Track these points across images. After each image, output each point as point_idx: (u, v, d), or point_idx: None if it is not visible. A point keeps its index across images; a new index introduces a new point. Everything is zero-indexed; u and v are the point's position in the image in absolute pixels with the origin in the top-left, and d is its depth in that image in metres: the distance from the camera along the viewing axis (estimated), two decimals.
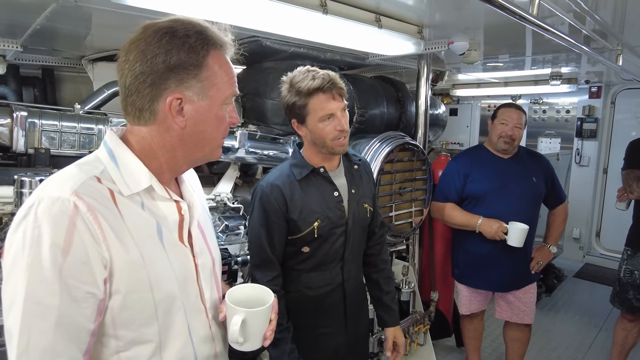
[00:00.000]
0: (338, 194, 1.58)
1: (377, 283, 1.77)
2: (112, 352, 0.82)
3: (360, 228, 1.64)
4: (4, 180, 2.09)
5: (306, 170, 1.55)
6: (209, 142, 0.92)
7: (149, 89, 0.83)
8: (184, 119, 0.86)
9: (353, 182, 1.63)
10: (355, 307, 1.67)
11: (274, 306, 1.02)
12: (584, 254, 5.41)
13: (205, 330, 0.96)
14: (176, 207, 0.92)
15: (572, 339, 3.55)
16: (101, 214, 0.78)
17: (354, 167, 1.66)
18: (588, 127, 5.20)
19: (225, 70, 0.89)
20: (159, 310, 0.85)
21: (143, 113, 0.85)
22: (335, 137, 1.49)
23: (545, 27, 1.63)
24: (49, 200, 0.75)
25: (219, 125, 0.91)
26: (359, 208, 1.62)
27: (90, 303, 0.76)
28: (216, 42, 0.87)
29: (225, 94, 0.90)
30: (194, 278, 0.94)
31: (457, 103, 6.09)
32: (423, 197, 2.62)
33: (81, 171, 0.82)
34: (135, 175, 0.86)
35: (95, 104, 2.78)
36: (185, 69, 0.83)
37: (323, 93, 1.45)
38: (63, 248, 0.73)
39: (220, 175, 2.70)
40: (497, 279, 2.52)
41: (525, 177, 2.50)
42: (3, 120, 2.22)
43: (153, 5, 1.55)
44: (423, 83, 2.86)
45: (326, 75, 1.46)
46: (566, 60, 3.62)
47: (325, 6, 1.82)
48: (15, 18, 2.15)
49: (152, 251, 0.85)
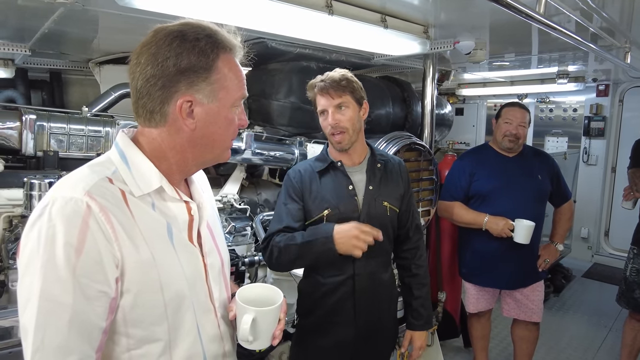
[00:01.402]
0: (352, 187, 1.65)
1: (409, 287, 1.79)
2: (124, 350, 0.84)
3: (378, 225, 1.61)
4: (14, 183, 2.12)
5: (325, 164, 1.67)
6: (218, 143, 0.93)
7: (159, 92, 0.84)
8: (194, 121, 0.87)
9: (373, 180, 1.67)
10: (367, 303, 1.66)
11: (283, 306, 1.02)
12: (593, 254, 5.36)
13: (214, 329, 0.97)
14: (186, 208, 0.93)
15: (581, 340, 3.53)
16: (113, 214, 0.79)
17: (377, 165, 1.70)
18: (596, 125, 5.16)
19: (234, 73, 0.90)
20: (168, 309, 0.86)
21: (154, 115, 0.87)
22: (330, 132, 1.61)
23: (552, 26, 1.63)
24: (62, 200, 0.76)
25: (229, 127, 0.92)
26: (376, 205, 1.65)
27: (102, 302, 0.77)
28: (226, 46, 0.89)
29: (235, 96, 0.91)
30: (203, 277, 0.95)
31: (463, 102, 6.07)
32: (430, 197, 2.62)
33: (93, 172, 0.83)
34: (146, 176, 0.87)
35: (103, 107, 2.80)
36: (195, 72, 0.84)
37: (319, 90, 1.60)
38: (76, 247, 0.74)
39: (227, 177, 2.71)
40: (505, 277, 2.52)
41: (531, 175, 2.51)
42: (12, 123, 2.25)
43: (159, 8, 1.56)
44: (429, 83, 2.85)
45: (327, 73, 1.61)
46: (573, 58, 3.60)
47: (330, 7, 1.82)
48: (24, 22, 2.17)
49: (163, 251, 0.86)
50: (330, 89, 1.58)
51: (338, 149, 1.65)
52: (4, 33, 2.44)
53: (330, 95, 1.58)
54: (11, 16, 2.07)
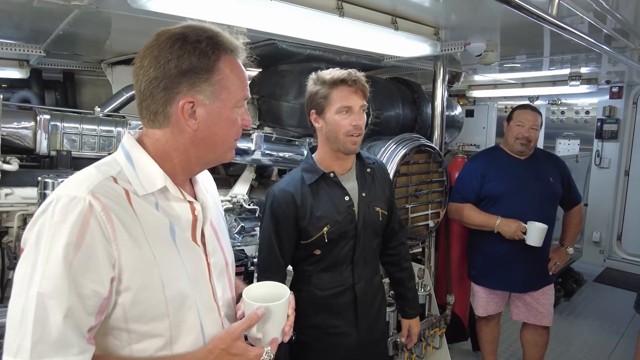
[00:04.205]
0: (349, 198, 1.58)
1: (400, 281, 1.84)
2: (125, 344, 0.85)
3: (372, 231, 1.64)
4: (28, 182, 2.16)
5: (316, 175, 1.56)
6: (220, 144, 0.94)
7: (162, 93, 0.86)
8: (196, 122, 0.88)
9: (364, 186, 1.63)
10: (368, 309, 1.67)
11: (290, 302, 1.03)
12: (605, 258, 5.28)
13: (218, 328, 0.97)
14: (190, 208, 0.94)
15: (592, 345, 3.47)
16: (115, 213, 0.81)
17: (366, 170, 1.66)
18: (609, 128, 5.09)
19: (236, 74, 0.91)
20: (170, 307, 0.87)
21: (157, 116, 0.89)
22: (349, 133, 1.50)
23: (565, 27, 1.61)
24: (66, 198, 0.78)
25: (231, 127, 0.93)
26: (369, 211, 1.62)
27: (94, 301, 0.78)
28: (227, 47, 0.90)
29: (237, 97, 0.92)
30: (206, 276, 0.96)
31: (474, 104, 6.03)
32: (439, 199, 2.60)
33: (99, 172, 0.85)
34: (151, 176, 0.89)
35: (115, 107, 2.84)
36: (196, 73, 0.86)
37: (347, 86, 1.49)
38: (75, 244, 0.76)
39: (237, 177, 2.73)
40: (515, 279, 2.50)
41: (542, 177, 2.49)
42: (27, 123, 2.29)
43: (171, 10, 1.57)
44: (439, 84, 2.84)
45: (353, 71, 1.51)
46: (586, 60, 3.56)
47: (341, 9, 1.82)
48: (39, 24, 2.21)
49: (165, 250, 0.87)
50: (359, 88, 1.51)
51: (350, 152, 1.57)
52: (19, 35, 2.48)
53: (359, 94, 1.51)
54: (27, 18, 2.11)
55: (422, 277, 2.55)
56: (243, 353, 0.91)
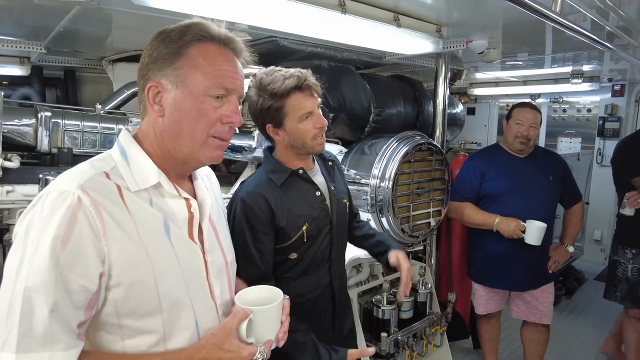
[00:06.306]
0: (320, 193, 1.53)
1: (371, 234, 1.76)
2: (117, 340, 0.85)
3: (343, 225, 1.62)
4: (29, 179, 2.16)
5: (285, 174, 1.47)
6: (187, 134, 0.89)
7: (140, 81, 0.91)
8: (162, 108, 0.89)
9: (331, 179, 1.60)
10: (343, 305, 1.66)
11: (285, 307, 1.02)
12: (606, 257, 5.27)
13: (215, 326, 0.96)
14: (186, 205, 0.94)
15: (593, 344, 3.47)
16: (105, 209, 0.80)
17: (328, 164, 1.64)
18: (610, 126, 5.07)
19: (209, 61, 0.88)
20: (163, 304, 0.86)
21: (140, 106, 0.93)
22: (315, 136, 1.44)
23: (567, 24, 1.60)
24: (56, 192, 0.78)
25: (199, 118, 0.88)
26: (339, 205, 1.60)
27: (82, 296, 0.77)
28: (200, 34, 0.89)
29: (206, 84, 0.88)
30: (203, 274, 0.95)
31: (475, 102, 6.01)
32: (441, 197, 2.60)
33: (92, 167, 0.85)
34: (145, 172, 0.88)
35: (116, 104, 2.84)
36: (162, 59, 0.88)
37: (300, 92, 1.39)
38: (63, 238, 0.75)
39: (238, 175, 2.72)
40: (514, 278, 2.50)
41: (542, 176, 2.49)
42: (28, 120, 2.29)
43: (173, 6, 1.57)
44: (441, 82, 2.83)
45: (299, 73, 1.40)
46: (588, 57, 3.54)
47: (344, 6, 1.81)
48: (40, 21, 2.20)
49: (158, 246, 0.87)
50: (311, 88, 1.41)
51: (318, 153, 1.52)
52: (20, 32, 2.48)
53: (312, 94, 1.42)
54: (28, 15, 2.10)
55: (424, 275, 2.55)
56: (236, 350, 0.89)
